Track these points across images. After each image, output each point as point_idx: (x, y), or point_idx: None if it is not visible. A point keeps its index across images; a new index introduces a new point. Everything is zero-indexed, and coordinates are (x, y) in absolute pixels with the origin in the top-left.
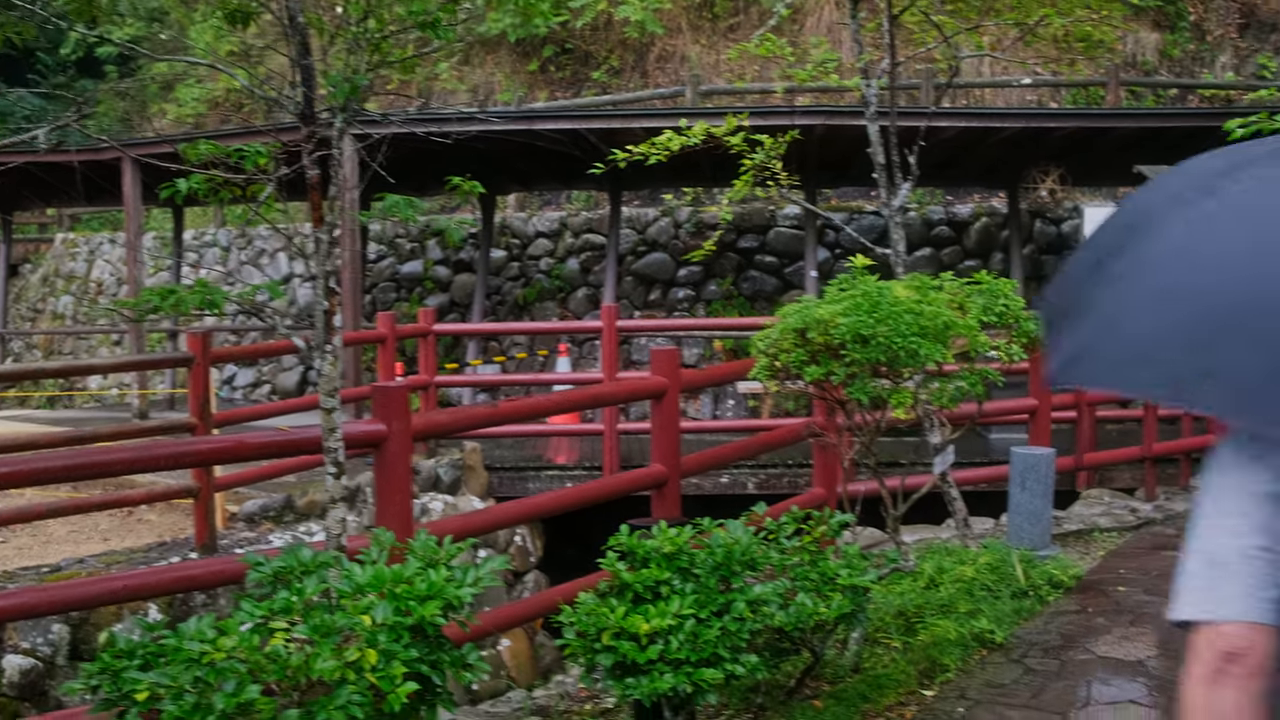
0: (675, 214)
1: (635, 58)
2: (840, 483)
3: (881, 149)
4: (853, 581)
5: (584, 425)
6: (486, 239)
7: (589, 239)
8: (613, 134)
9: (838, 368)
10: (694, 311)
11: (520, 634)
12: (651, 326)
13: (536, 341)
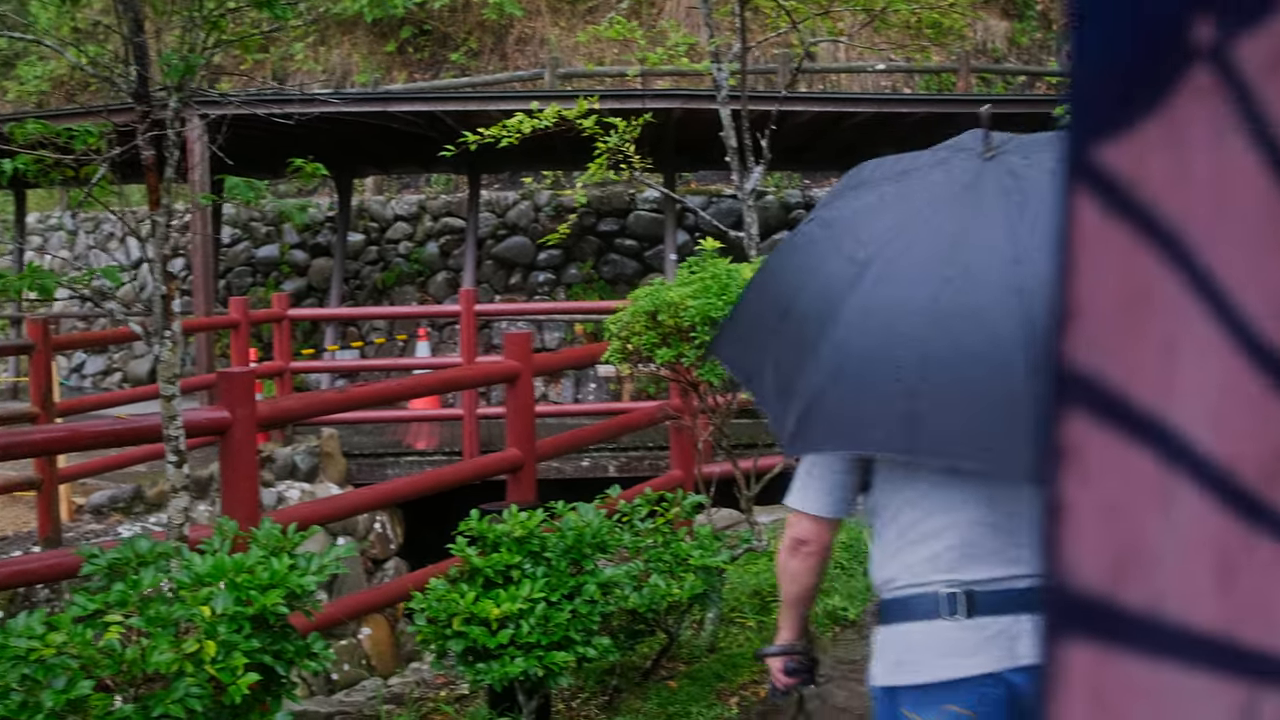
0: (535, 197)
1: (494, 40)
2: (696, 464)
3: (734, 133)
4: (705, 562)
5: (444, 410)
6: (344, 222)
7: (448, 222)
8: (469, 116)
9: (688, 350)
10: (555, 295)
11: (382, 622)
12: (511, 310)
13: (396, 326)
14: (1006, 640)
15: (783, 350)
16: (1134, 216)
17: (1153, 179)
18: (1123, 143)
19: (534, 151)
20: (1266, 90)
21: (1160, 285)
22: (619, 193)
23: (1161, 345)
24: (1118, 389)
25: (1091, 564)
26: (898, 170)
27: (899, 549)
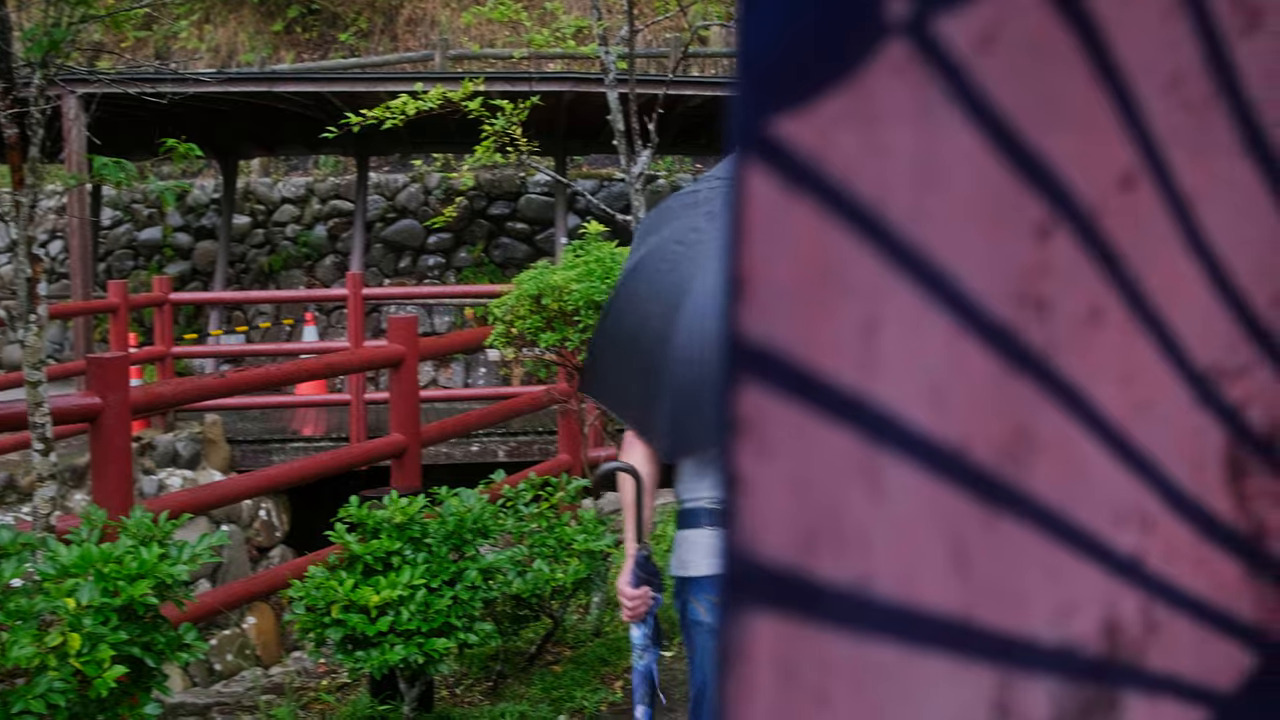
0: (425, 180)
1: (384, 20)
2: (582, 449)
3: (621, 117)
4: (589, 546)
5: (331, 395)
6: (229, 205)
7: (336, 205)
8: (359, 98)
9: (572, 334)
10: (445, 279)
11: (266, 610)
12: (400, 294)
13: (282, 310)
14: None
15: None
16: (818, 192)
17: (841, 154)
18: (803, 117)
19: (424, 134)
20: (980, 68)
21: (854, 263)
22: (510, 176)
23: (860, 324)
24: (802, 365)
25: (777, 536)
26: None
27: (687, 474)
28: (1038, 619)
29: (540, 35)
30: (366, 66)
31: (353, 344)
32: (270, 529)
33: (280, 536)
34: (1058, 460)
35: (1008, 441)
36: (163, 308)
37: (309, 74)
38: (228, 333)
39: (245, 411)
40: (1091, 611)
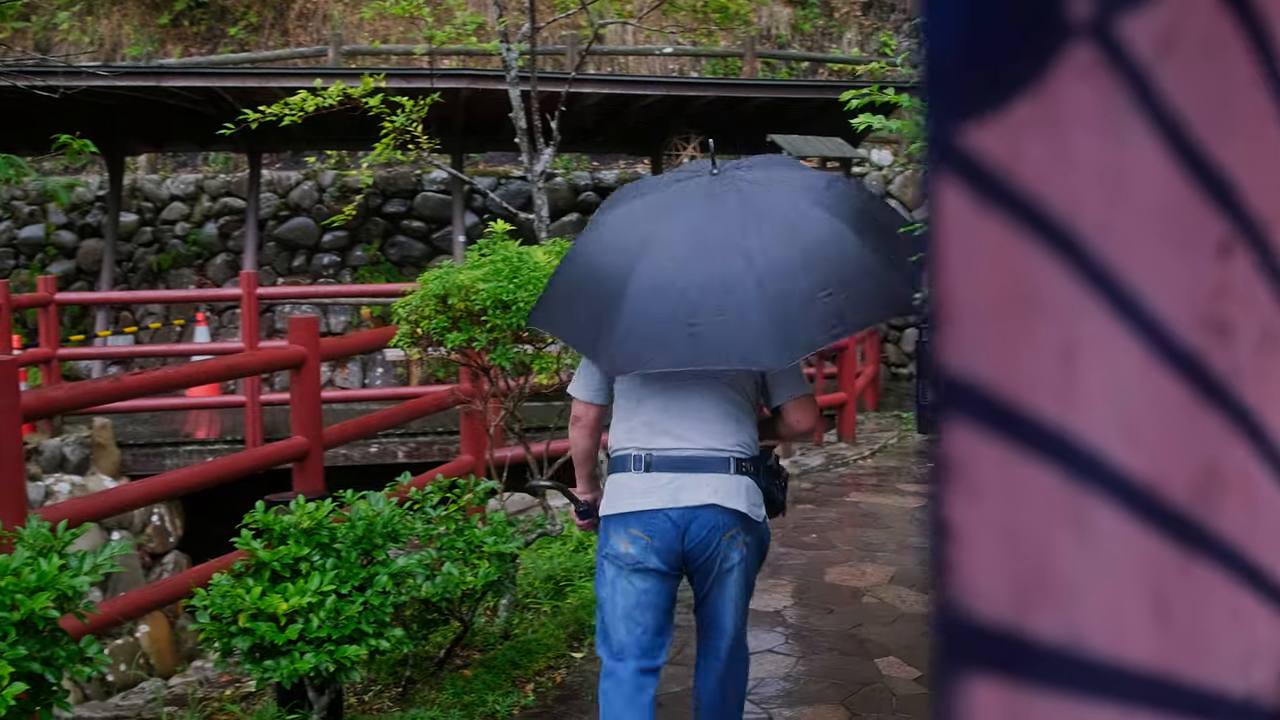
0: (319, 177)
1: (275, 14)
2: (487, 449)
3: (523, 114)
4: (499, 549)
5: (225, 397)
6: (115, 202)
7: (228, 203)
8: (250, 93)
9: (479, 334)
10: (340, 278)
11: (160, 618)
12: (295, 294)
13: (173, 310)
14: (672, 489)
15: (584, 309)
16: (1011, 206)
17: (1031, 164)
18: (993, 125)
19: (318, 130)
20: (1161, 73)
21: (1050, 283)
22: (406, 174)
23: (1058, 350)
24: (1007, 398)
25: (991, 591)
26: (656, 185)
27: (618, 424)
28: (1226, 668)
29: (443, 32)
30: (258, 61)
31: (247, 345)
32: (164, 534)
33: (174, 542)
34: (1241, 496)
35: (1199, 478)
36: (48, 308)
37: (199, 69)
38: (116, 334)
39: (135, 414)
40: (1269, 658)
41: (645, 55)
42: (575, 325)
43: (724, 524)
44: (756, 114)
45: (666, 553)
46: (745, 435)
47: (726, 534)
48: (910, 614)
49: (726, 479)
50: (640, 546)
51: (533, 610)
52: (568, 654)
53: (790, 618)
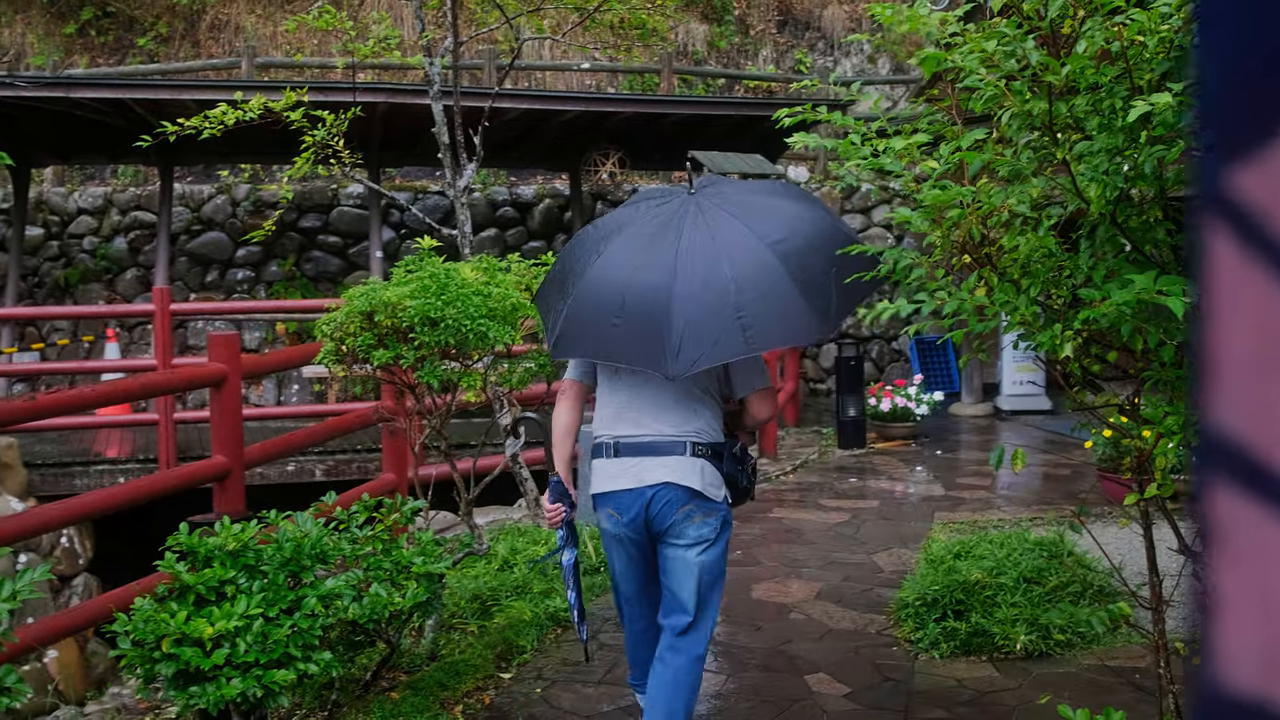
0: (233, 191)
1: (186, 25)
2: (411, 467)
3: (446, 129)
4: (428, 569)
5: (137, 415)
6: (20, 215)
7: (138, 216)
8: (162, 105)
9: (407, 351)
10: (254, 294)
11: (70, 643)
12: (209, 310)
13: (81, 326)
14: (637, 471)
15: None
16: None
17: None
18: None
19: (233, 144)
20: None
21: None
22: (322, 188)
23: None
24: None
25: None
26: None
27: (597, 413)
28: None
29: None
30: (169, 73)
31: (160, 362)
32: (73, 556)
33: (84, 564)
34: None
35: None
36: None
37: (108, 79)
38: (21, 350)
39: (43, 433)
40: None
41: (562, 71)
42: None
43: (679, 499)
44: (675, 130)
45: (636, 526)
46: (703, 423)
47: (682, 508)
48: (838, 630)
49: (682, 460)
50: (614, 522)
51: (459, 630)
52: (496, 675)
53: (718, 635)
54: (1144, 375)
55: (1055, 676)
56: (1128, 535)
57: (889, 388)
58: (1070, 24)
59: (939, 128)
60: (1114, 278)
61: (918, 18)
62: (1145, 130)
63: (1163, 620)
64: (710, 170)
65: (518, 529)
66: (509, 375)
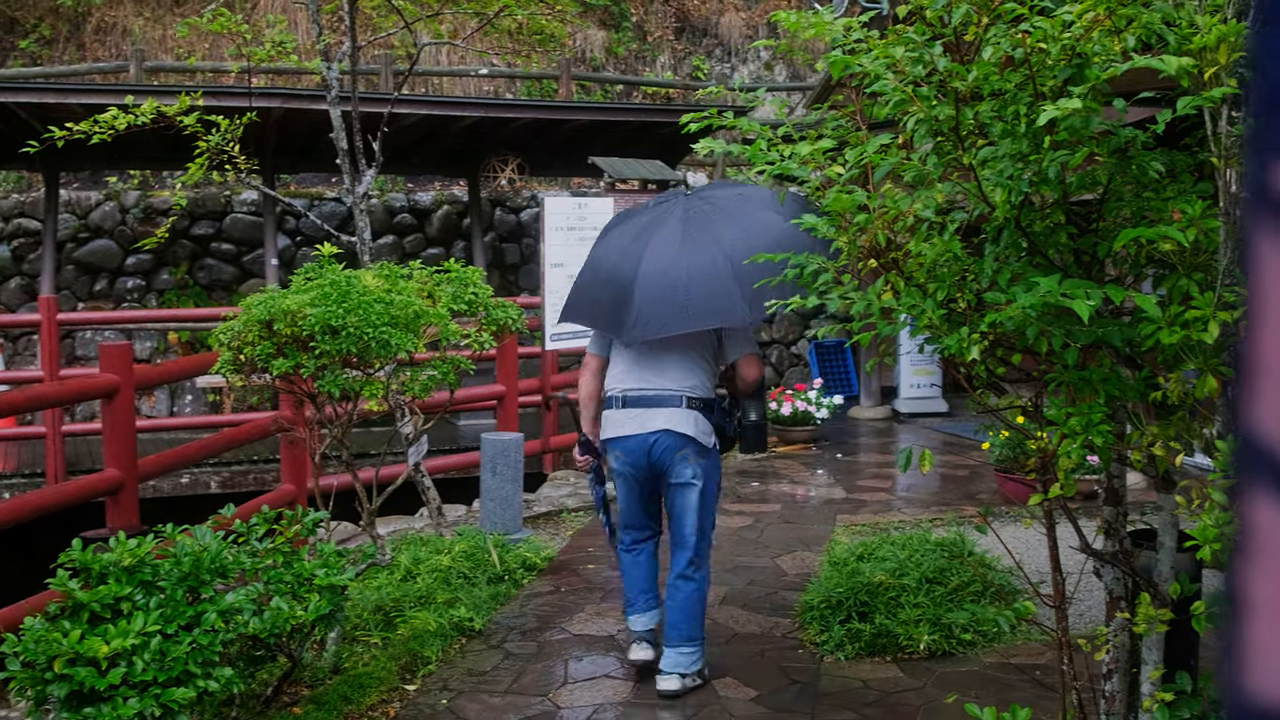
0: (122, 198)
1: (70, 28)
2: (311, 478)
3: (344, 134)
4: (330, 581)
5: (22, 429)
6: None
7: (22, 224)
8: (46, 109)
9: (307, 360)
10: (145, 302)
11: None
12: (98, 319)
13: None
14: (641, 420)
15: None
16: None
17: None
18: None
19: (121, 149)
20: None
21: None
22: (215, 194)
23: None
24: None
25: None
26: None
27: (609, 373)
28: None
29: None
30: (54, 76)
31: (47, 373)
32: None
33: None
34: None
35: None
36: None
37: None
38: None
39: None
40: None
41: (461, 76)
42: (601, 314)
43: (677, 444)
44: (574, 135)
45: (638, 465)
46: (697, 380)
47: (679, 452)
48: (744, 634)
49: (678, 411)
50: (620, 461)
51: (362, 643)
52: (400, 687)
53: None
54: (1048, 378)
55: (959, 675)
56: (1025, 535)
57: (789, 392)
58: (974, 31)
59: (843, 133)
60: (1018, 281)
61: (822, 24)
62: (1049, 136)
63: (1065, 617)
64: (610, 176)
65: (420, 539)
66: (411, 383)
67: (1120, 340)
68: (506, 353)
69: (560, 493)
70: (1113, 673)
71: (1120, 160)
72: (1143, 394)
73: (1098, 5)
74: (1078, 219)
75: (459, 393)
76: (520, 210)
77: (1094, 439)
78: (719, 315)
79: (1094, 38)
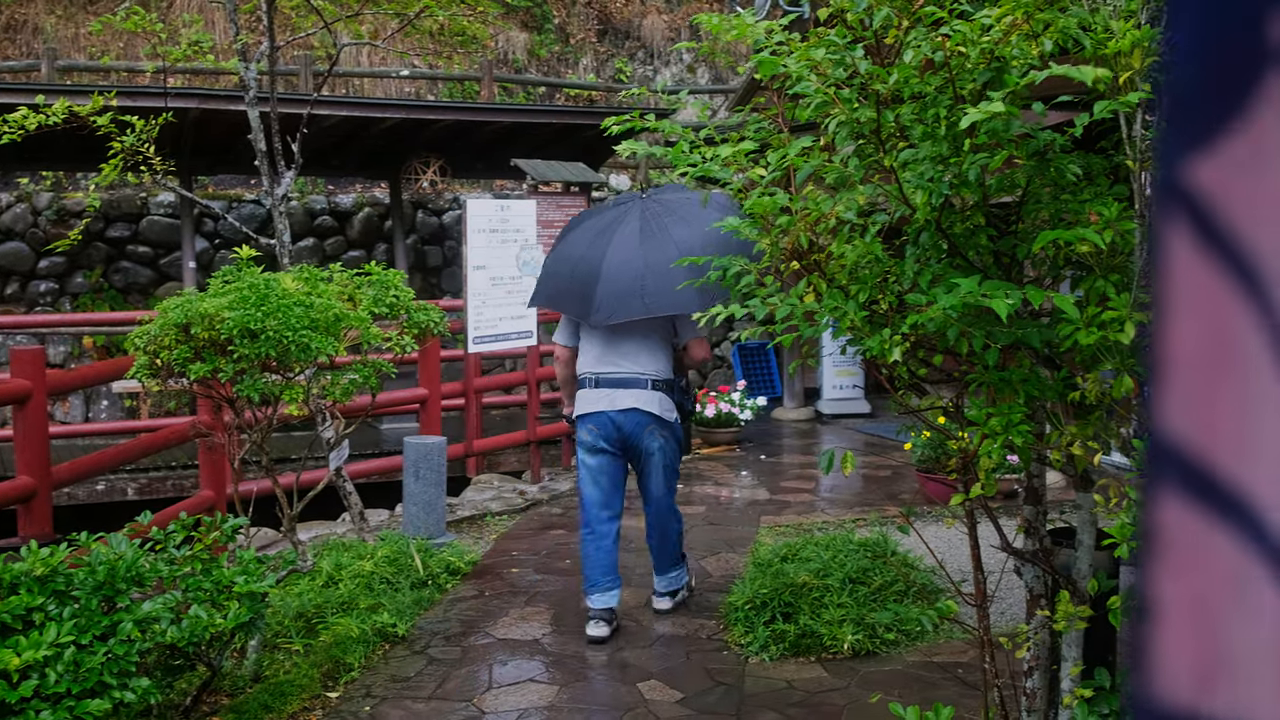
0: (34, 199)
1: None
2: (231, 484)
3: (263, 136)
4: (250, 588)
5: None
6: None
7: None
8: None
9: (225, 364)
10: (59, 306)
11: None
12: (9, 323)
13: None
14: (611, 398)
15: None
16: (1220, 247)
17: (1236, 202)
18: (1210, 157)
19: (33, 149)
20: None
21: (1241, 331)
22: (131, 196)
23: (1239, 404)
24: (1202, 457)
25: (1178, 673)
26: (612, 204)
27: (581, 357)
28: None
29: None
30: None
31: None
32: None
33: None
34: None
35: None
36: None
37: None
38: None
39: None
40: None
41: (382, 78)
42: (569, 301)
43: (644, 421)
44: (496, 137)
45: (607, 439)
46: (659, 365)
47: (647, 428)
48: (669, 636)
49: (644, 392)
50: (591, 434)
51: (284, 650)
52: (323, 694)
53: (549, 645)
54: (968, 378)
55: (883, 674)
56: (947, 534)
57: (713, 393)
58: (895, 34)
59: (766, 135)
60: (939, 283)
61: (744, 26)
62: (969, 139)
63: (987, 616)
64: (533, 178)
65: (343, 544)
66: (332, 387)
67: (1039, 341)
68: (429, 356)
69: (484, 496)
70: (1033, 670)
71: (1039, 163)
72: (1061, 394)
73: (1015, 10)
74: (997, 221)
75: (381, 396)
76: (443, 213)
77: (1014, 439)
78: (673, 304)
79: (1012, 41)
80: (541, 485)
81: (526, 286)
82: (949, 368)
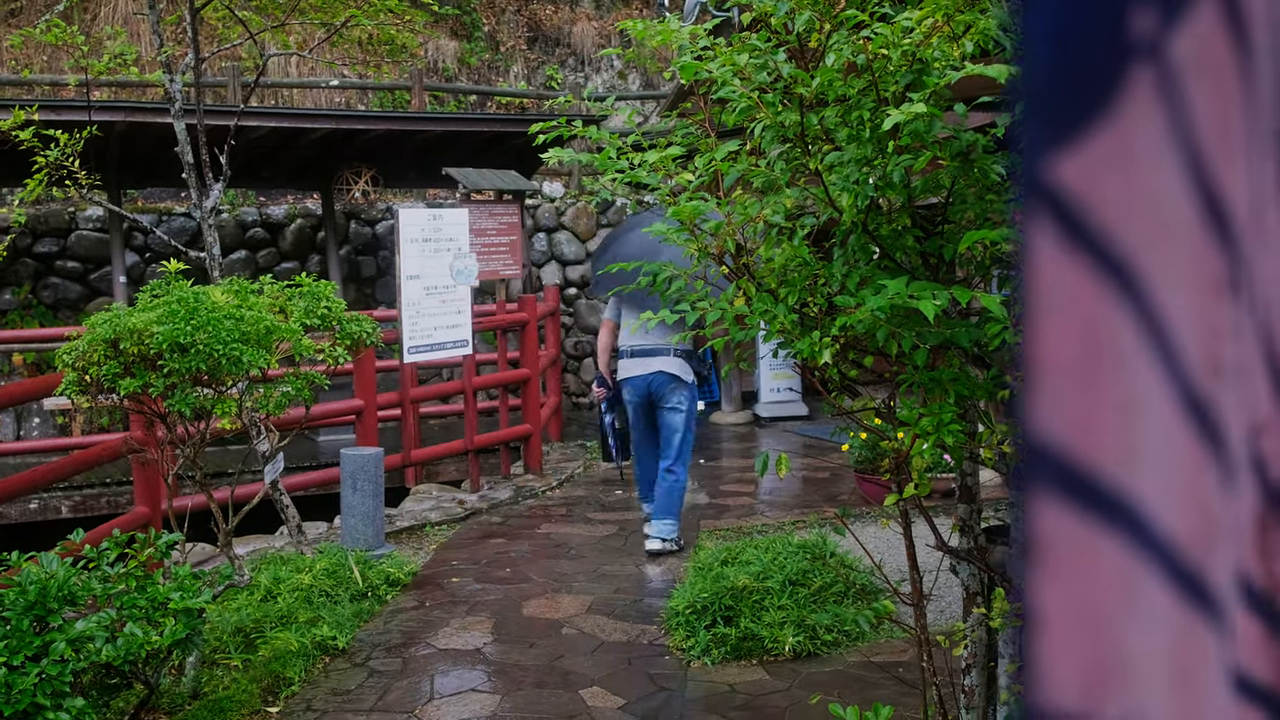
0: None
1: None
2: (165, 499)
3: (190, 148)
4: (186, 604)
5: None
6: None
7: None
8: None
9: (155, 379)
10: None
11: None
12: None
13: None
14: (644, 364)
15: None
16: (1089, 246)
17: (1104, 199)
18: (1075, 154)
19: None
20: (1195, 95)
21: (1116, 331)
22: (58, 211)
23: (1119, 405)
24: (1083, 462)
25: (1065, 679)
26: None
27: (621, 333)
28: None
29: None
30: None
31: None
32: None
33: None
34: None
35: (1205, 535)
36: None
37: None
38: None
39: None
40: None
41: (311, 88)
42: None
43: (668, 380)
44: (427, 146)
45: (641, 394)
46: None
47: (669, 386)
48: (610, 642)
49: (669, 358)
50: (631, 393)
51: (222, 666)
52: (263, 709)
53: (490, 654)
54: (899, 379)
55: (824, 675)
56: (885, 534)
57: None
58: (817, 38)
59: (693, 140)
60: (867, 284)
61: (669, 31)
62: (893, 140)
63: (924, 615)
64: (465, 187)
65: (281, 557)
66: (265, 400)
67: (968, 340)
68: (364, 366)
69: (423, 506)
70: (971, 668)
71: (963, 164)
72: (991, 393)
73: (936, 12)
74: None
75: (316, 408)
76: (375, 223)
77: (945, 438)
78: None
79: (933, 44)
80: (481, 494)
81: (460, 295)
82: (880, 369)
